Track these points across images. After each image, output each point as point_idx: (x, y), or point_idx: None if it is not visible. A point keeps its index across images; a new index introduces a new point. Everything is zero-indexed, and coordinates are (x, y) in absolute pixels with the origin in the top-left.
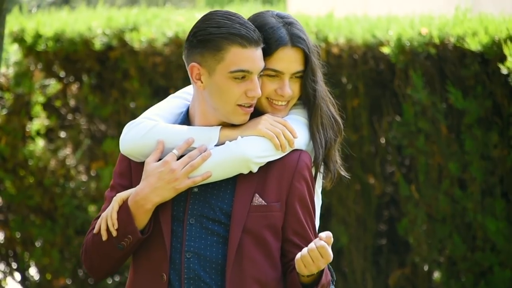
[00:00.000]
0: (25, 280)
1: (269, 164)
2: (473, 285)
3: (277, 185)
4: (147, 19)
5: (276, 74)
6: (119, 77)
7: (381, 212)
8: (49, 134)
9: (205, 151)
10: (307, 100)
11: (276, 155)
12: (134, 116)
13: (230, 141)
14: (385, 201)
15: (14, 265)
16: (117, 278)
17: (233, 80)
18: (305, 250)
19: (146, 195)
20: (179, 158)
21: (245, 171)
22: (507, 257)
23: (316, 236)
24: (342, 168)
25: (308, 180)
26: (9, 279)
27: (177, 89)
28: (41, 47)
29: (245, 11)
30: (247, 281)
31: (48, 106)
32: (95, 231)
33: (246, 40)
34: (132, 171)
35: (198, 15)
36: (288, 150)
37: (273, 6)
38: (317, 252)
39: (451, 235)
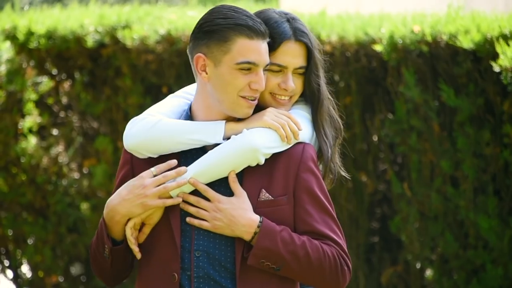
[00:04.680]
0: (17, 278)
1: (274, 158)
2: (465, 282)
3: (283, 178)
4: (139, 16)
5: (280, 69)
6: (112, 74)
7: (374, 210)
8: (41, 131)
9: (183, 174)
10: (311, 95)
11: (282, 147)
12: (126, 113)
13: (235, 134)
14: (378, 199)
15: (6, 263)
16: None
17: (239, 71)
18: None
19: (114, 206)
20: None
21: (253, 163)
22: (500, 254)
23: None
24: (342, 169)
25: (315, 171)
26: (1, 276)
27: (169, 86)
28: (33, 44)
29: None
30: (258, 278)
31: (40, 103)
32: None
33: (254, 32)
34: (134, 174)
35: (191, 12)
36: (293, 142)
37: (266, 4)
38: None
39: (443, 233)
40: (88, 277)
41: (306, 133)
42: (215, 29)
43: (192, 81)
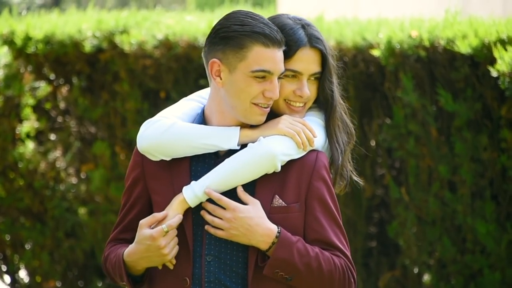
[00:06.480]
0: (15, 283)
1: (288, 165)
2: (463, 287)
3: (296, 186)
4: (137, 21)
5: (295, 75)
6: (109, 79)
7: (371, 214)
8: (39, 136)
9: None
10: (324, 101)
11: (298, 154)
12: (124, 118)
13: (251, 142)
14: (375, 203)
15: (4, 268)
16: (107, 281)
17: (254, 79)
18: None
19: (137, 260)
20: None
21: (271, 171)
22: (497, 259)
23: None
24: (354, 173)
25: (327, 180)
26: None
27: (167, 91)
28: (31, 49)
29: None
30: (269, 284)
31: (38, 108)
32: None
33: (270, 40)
34: (146, 177)
35: (189, 17)
36: (308, 149)
37: (264, 8)
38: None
39: (441, 237)
40: (86, 282)
41: (319, 140)
42: (232, 35)
43: (190, 86)
